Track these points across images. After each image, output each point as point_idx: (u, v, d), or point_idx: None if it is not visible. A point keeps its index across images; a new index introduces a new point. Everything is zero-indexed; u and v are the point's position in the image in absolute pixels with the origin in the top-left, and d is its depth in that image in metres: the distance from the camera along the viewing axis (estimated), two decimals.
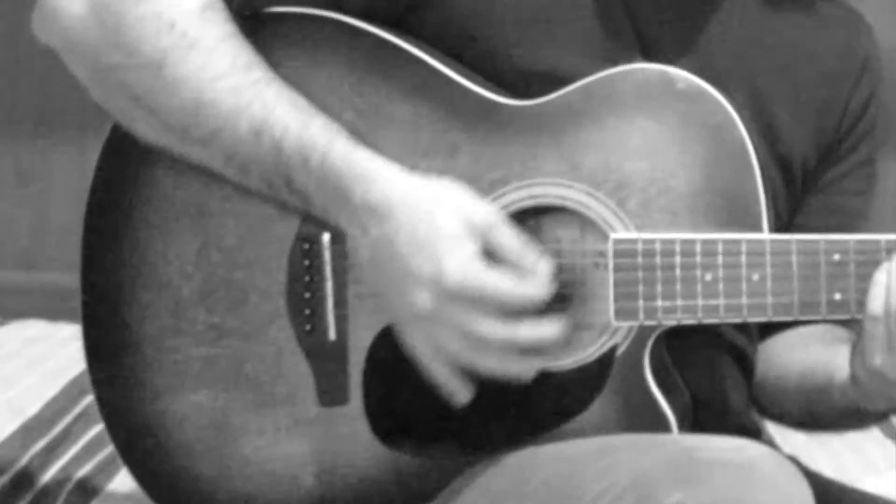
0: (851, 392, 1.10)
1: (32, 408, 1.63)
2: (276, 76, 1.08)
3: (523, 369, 1.03)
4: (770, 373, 1.23)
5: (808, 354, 1.19)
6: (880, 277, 1.02)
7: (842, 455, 1.71)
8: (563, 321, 1.03)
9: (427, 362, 1.04)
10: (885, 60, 1.30)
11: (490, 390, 1.07)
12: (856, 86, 1.25)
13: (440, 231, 1.02)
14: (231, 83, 1.06)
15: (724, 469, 0.95)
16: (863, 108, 1.25)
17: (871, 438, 1.77)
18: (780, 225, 1.21)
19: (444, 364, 1.03)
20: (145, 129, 1.10)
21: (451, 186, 1.05)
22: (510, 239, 1.03)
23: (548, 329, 1.02)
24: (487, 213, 1.04)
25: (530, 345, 1.02)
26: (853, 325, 1.17)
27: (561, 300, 1.13)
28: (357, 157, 1.05)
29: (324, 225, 1.10)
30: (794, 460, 1.19)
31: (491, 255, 1.02)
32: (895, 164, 1.78)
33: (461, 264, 1.01)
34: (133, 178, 1.15)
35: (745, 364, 1.23)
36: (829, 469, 1.58)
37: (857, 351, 1.06)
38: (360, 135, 1.11)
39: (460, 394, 1.04)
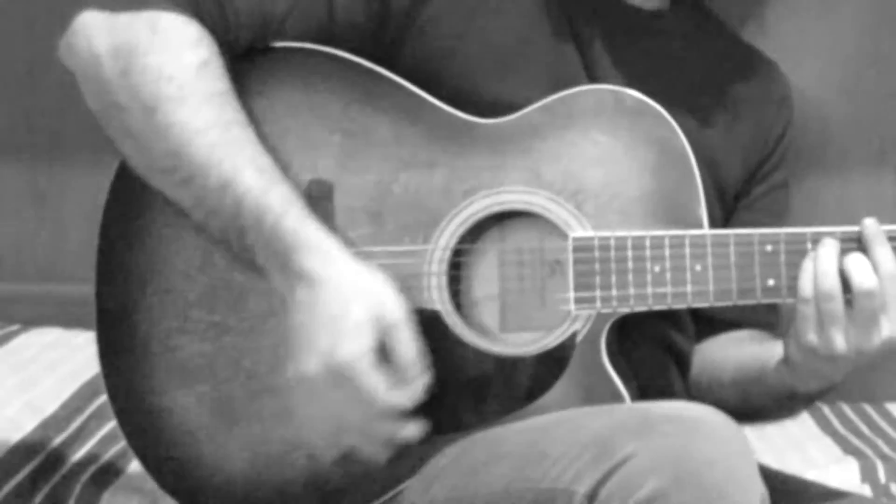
0: (785, 374, 1.13)
1: (50, 407, 1.59)
2: (252, 135, 1.09)
3: (375, 451, 1.07)
4: (706, 370, 1.26)
5: (741, 351, 1.23)
6: (808, 265, 1.06)
7: (784, 451, 1.66)
8: (419, 427, 1.06)
9: (300, 413, 1.08)
10: (797, 102, 1.36)
11: (465, 375, 1.11)
12: (775, 120, 1.31)
13: (348, 316, 1.03)
14: (210, 139, 1.08)
15: (672, 422, 0.98)
16: (779, 140, 1.31)
17: (810, 435, 1.74)
18: None
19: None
20: (136, 163, 1.12)
21: (378, 279, 1.07)
22: (405, 345, 1.05)
23: (409, 429, 1.06)
24: (396, 314, 1.05)
25: (384, 437, 1.06)
26: (777, 329, 1.22)
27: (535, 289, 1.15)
28: (306, 227, 1.06)
29: None
30: None
31: (386, 352, 1.04)
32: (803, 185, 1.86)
33: (352, 351, 1.03)
34: (143, 196, 1.16)
35: (683, 362, 1.26)
36: (773, 464, 1.53)
37: (791, 333, 1.09)
38: (348, 155, 1.15)
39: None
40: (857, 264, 1.06)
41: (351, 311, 1.03)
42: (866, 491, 1.54)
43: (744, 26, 1.72)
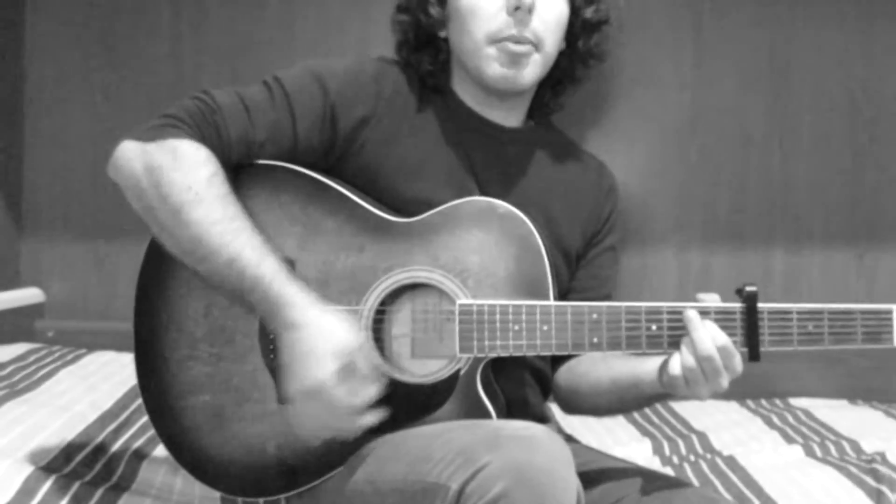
0: (658, 386, 1.21)
1: (107, 404, 1.70)
2: (248, 224, 1.16)
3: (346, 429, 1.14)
4: (584, 383, 1.33)
5: (612, 367, 1.30)
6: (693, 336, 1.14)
7: (601, 434, 1.82)
8: (377, 415, 1.12)
9: (294, 421, 1.15)
10: (620, 190, 1.47)
11: (384, 396, 1.17)
12: (604, 204, 1.42)
13: (314, 351, 1.10)
14: (220, 229, 1.14)
15: (516, 440, 1.05)
16: (609, 215, 1.43)
17: (617, 423, 1.89)
18: (562, 289, 1.35)
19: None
20: (167, 246, 1.19)
21: (337, 320, 1.12)
22: (361, 362, 1.11)
23: (369, 418, 1.13)
24: (353, 343, 1.11)
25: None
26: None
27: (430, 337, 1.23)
28: (289, 289, 1.14)
29: None
30: (570, 438, 1.34)
31: (350, 369, 1.11)
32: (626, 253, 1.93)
33: (317, 376, 1.09)
34: (166, 263, 1.23)
35: (541, 378, 1.36)
36: (594, 442, 1.71)
37: (663, 365, 1.20)
38: (305, 241, 1.21)
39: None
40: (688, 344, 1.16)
41: (315, 347, 1.10)
42: (657, 460, 1.65)
43: (582, 129, 1.88)
